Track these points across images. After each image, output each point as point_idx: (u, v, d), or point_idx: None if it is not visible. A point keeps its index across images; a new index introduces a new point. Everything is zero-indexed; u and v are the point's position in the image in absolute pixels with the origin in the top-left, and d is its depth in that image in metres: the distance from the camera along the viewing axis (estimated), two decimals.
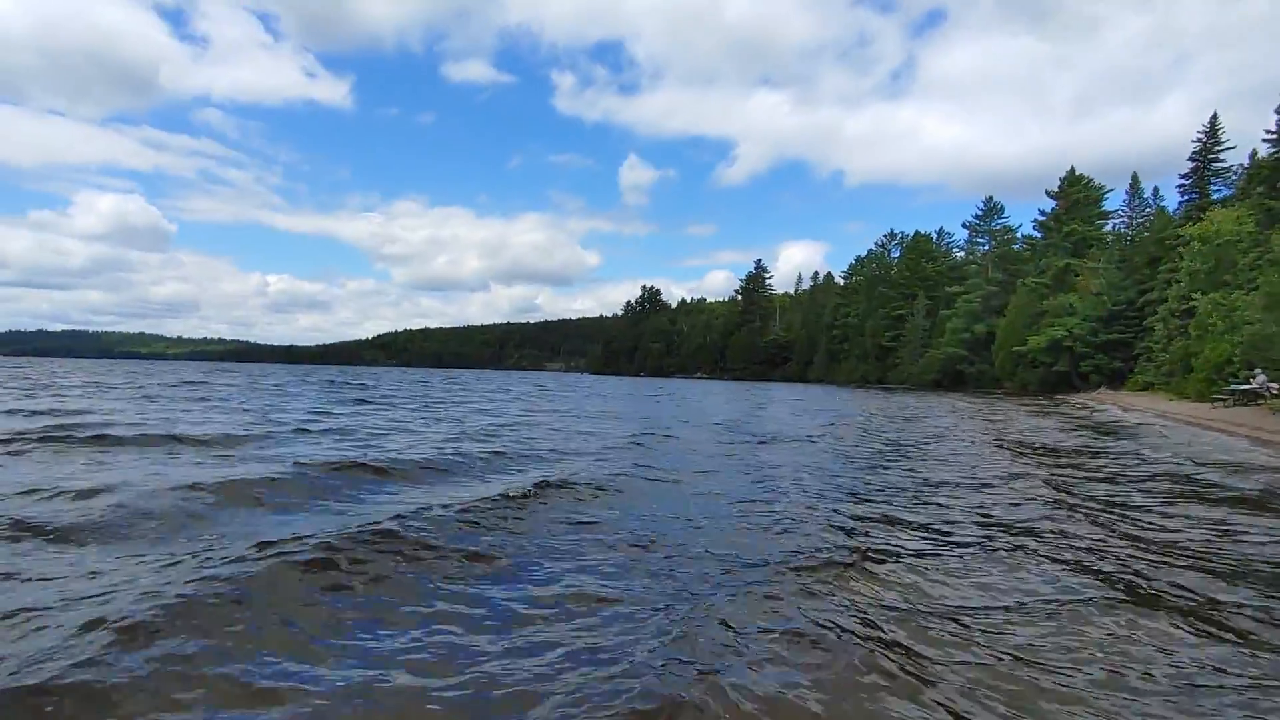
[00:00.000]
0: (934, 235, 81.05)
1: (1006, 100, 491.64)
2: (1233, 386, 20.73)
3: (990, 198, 69.83)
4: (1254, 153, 39.41)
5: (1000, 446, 11.63)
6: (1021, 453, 10.84)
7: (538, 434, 11.87)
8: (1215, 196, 43.69)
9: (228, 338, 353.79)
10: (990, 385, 58.09)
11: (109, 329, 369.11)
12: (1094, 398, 38.08)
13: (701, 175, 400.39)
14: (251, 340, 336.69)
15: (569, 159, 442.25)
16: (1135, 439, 13.40)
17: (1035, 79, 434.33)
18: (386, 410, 16.17)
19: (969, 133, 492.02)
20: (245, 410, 14.51)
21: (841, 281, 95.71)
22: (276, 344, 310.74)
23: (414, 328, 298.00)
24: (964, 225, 72.92)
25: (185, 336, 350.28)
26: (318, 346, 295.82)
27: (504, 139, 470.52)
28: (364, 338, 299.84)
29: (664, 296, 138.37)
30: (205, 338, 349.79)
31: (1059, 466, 9.42)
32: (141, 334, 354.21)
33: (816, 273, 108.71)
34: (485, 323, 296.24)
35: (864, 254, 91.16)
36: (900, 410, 23.00)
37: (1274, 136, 28.40)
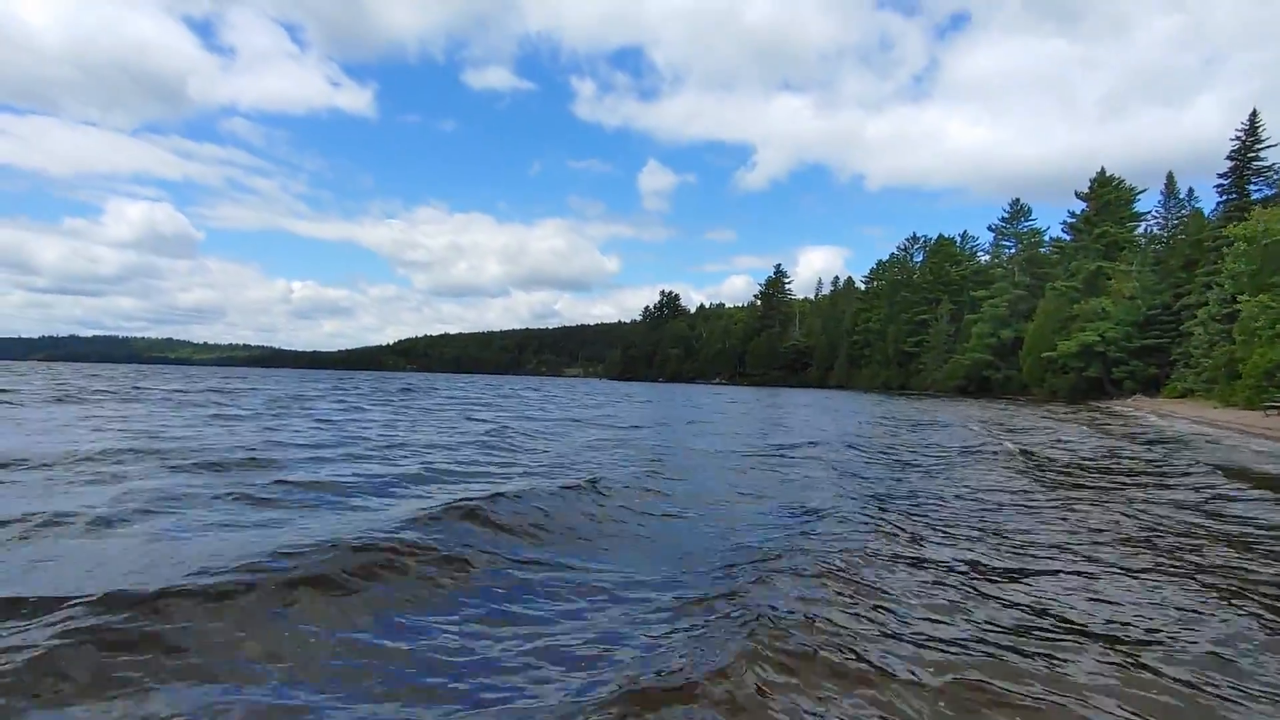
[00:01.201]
0: (957, 239, 79.45)
1: (1032, 102, 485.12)
2: None
3: (1017, 199, 68.29)
4: None
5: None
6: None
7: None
8: (1255, 196, 41.98)
9: (253, 343, 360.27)
10: (1018, 391, 56.50)
11: (138, 334, 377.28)
12: (1133, 404, 36.65)
13: (721, 180, 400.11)
14: (276, 346, 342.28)
15: (589, 165, 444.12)
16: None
17: (1062, 80, 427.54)
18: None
19: (993, 135, 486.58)
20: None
21: (863, 286, 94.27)
22: (301, 349, 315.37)
23: (434, 333, 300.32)
24: (990, 228, 71.43)
25: (211, 342, 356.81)
26: (340, 352, 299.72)
27: (524, 145, 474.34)
28: (385, 343, 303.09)
29: (683, 302, 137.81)
30: (231, 343, 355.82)
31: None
32: (169, 339, 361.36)
33: (837, 278, 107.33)
34: (505, 328, 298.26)
35: (885, 258, 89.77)
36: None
37: None
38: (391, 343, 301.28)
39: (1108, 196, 54.71)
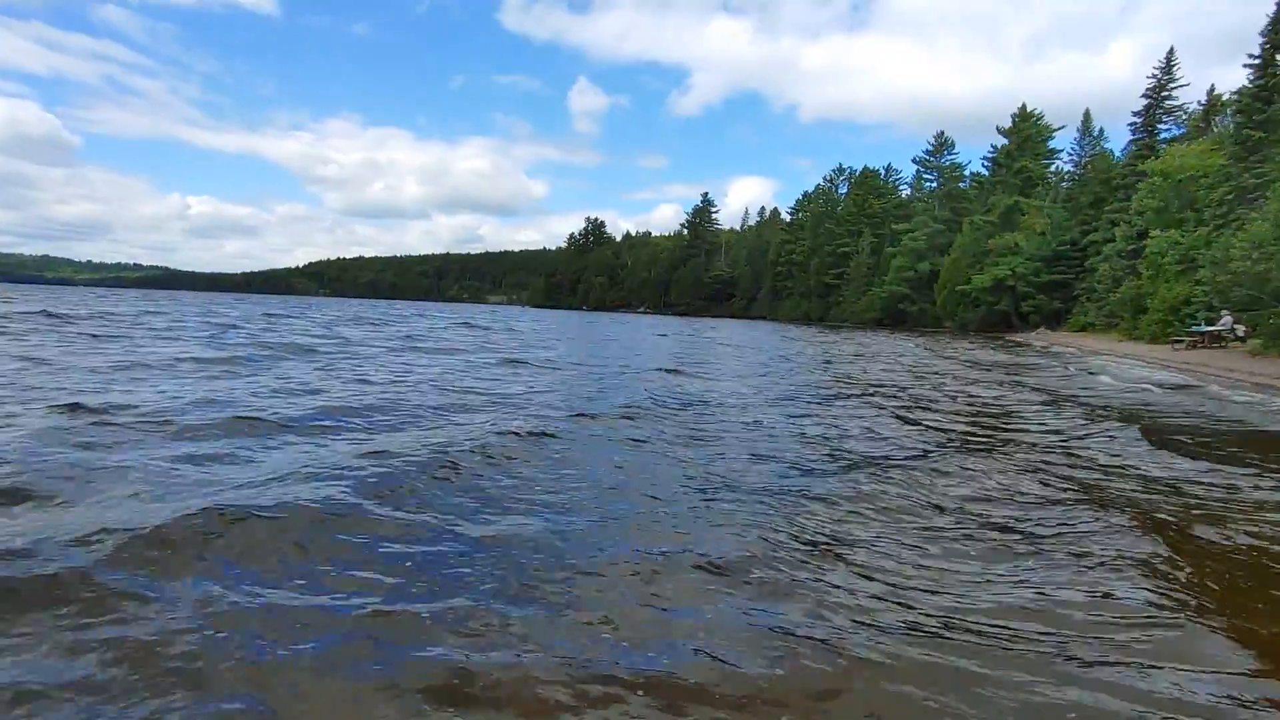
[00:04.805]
0: (882, 172, 79.43)
1: (963, 38, 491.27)
2: (1195, 328, 19.77)
3: (941, 132, 68.18)
4: (1211, 88, 38.51)
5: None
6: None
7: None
8: (1163, 136, 42.93)
9: (145, 263, 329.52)
10: (932, 324, 57.88)
11: (7, 250, 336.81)
12: (1036, 337, 37.71)
13: (655, 104, 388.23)
14: (172, 267, 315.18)
15: (516, 80, 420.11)
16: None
17: (992, 18, 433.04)
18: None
19: (924, 70, 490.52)
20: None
21: (788, 218, 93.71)
22: (200, 271, 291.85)
23: (348, 256, 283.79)
24: (914, 161, 71.42)
25: (97, 261, 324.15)
26: (244, 275, 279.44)
27: (446, 55, 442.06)
28: (295, 265, 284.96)
29: (610, 230, 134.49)
30: (119, 263, 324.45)
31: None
32: (46, 256, 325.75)
33: (763, 208, 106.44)
34: (424, 252, 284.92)
35: (812, 190, 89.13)
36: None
37: (1257, 62, 26.97)
38: (302, 265, 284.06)
39: (1028, 131, 55.21)
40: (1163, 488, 4.75)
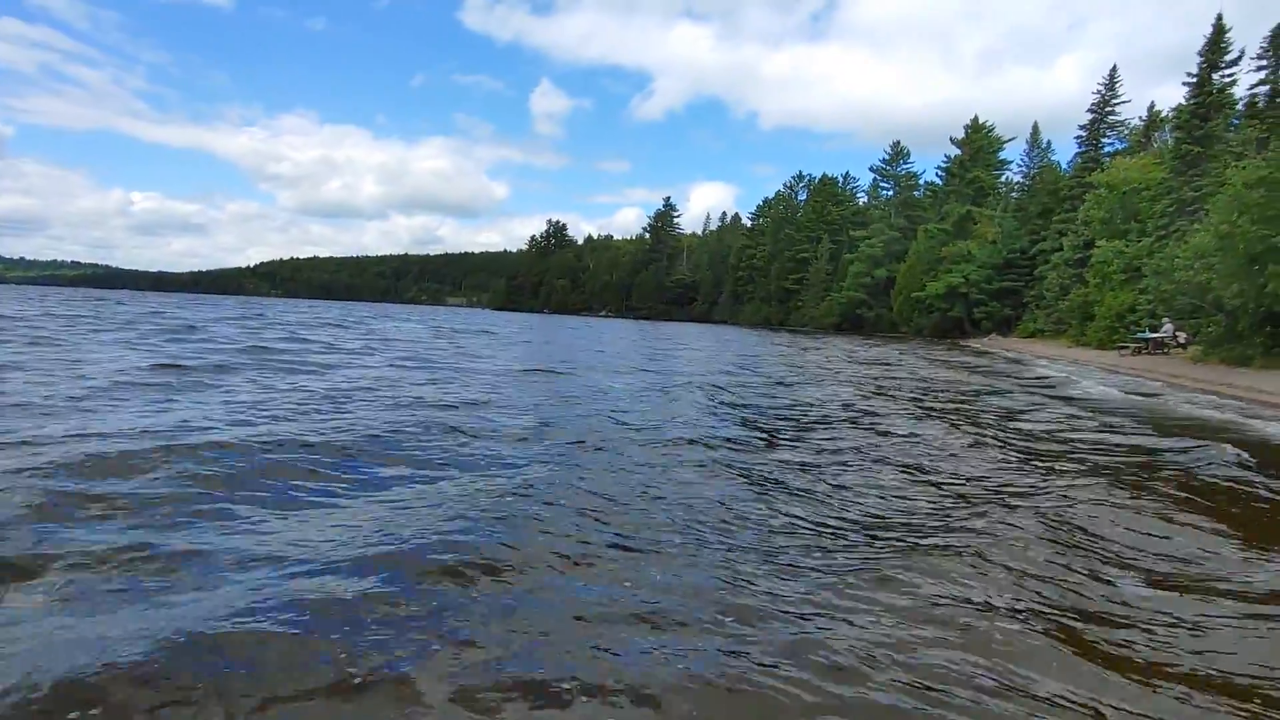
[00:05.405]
0: (840, 179, 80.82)
1: (919, 51, 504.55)
2: (1140, 335, 20.42)
3: (897, 142, 69.79)
4: (1152, 105, 40.19)
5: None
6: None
7: None
8: (1106, 150, 44.62)
9: (84, 261, 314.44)
10: (888, 329, 58.98)
11: None
12: (988, 343, 38.64)
13: (618, 107, 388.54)
14: (113, 265, 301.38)
15: (478, 80, 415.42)
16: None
17: (947, 33, 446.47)
18: None
19: (881, 81, 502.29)
20: None
21: (749, 223, 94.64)
22: (144, 270, 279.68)
23: (302, 256, 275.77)
24: (871, 169, 72.84)
25: (30, 258, 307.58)
26: (190, 274, 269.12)
27: (406, 54, 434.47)
28: (246, 265, 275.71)
29: (572, 232, 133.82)
30: (55, 260, 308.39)
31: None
32: None
33: (725, 213, 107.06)
34: (382, 253, 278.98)
35: (772, 196, 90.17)
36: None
37: (1194, 81, 28.17)
38: (253, 265, 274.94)
39: (980, 142, 56.89)
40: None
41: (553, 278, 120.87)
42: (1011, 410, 9.51)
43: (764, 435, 6.84)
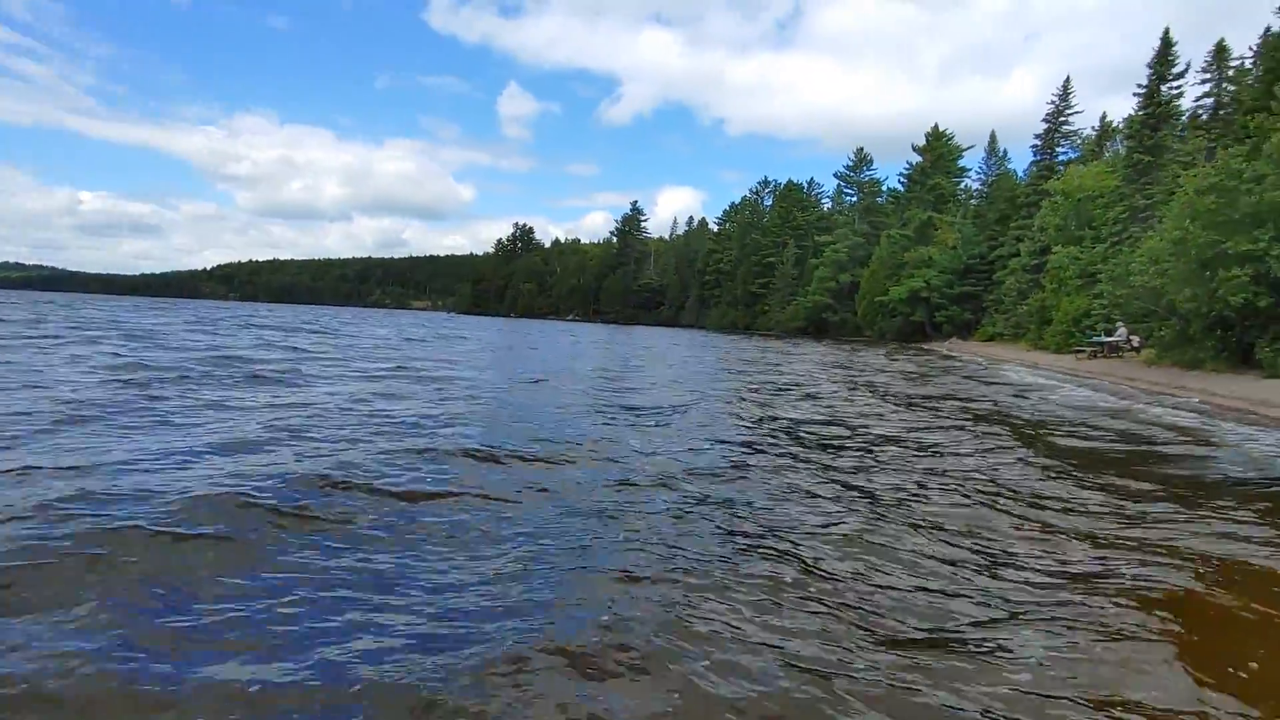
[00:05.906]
0: (805, 185, 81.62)
1: (882, 60, 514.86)
2: (1095, 339, 20.74)
3: (861, 149, 70.77)
4: (1104, 115, 41.29)
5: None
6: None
7: None
8: (1061, 158, 45.76)
9: (28, 263, 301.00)
10: (852, 333, 59.61)
11: None
12: (949, 347, 39.16)
13: (585, 111, 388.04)
14: (60, 266, 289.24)
15: (444, 82, 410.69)
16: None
17: (908, 44, 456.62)
18: None
19: (846, 90, 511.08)
20: None
21: (715, 228, 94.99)
22: (94, 272, 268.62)
23: (262, 258, 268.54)
24: (835, 175, 73.77)
25: None
26: (142, 276, 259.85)
27: (370, 54, 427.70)
28: (203, 268, 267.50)
29: (539, 236, 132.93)
30: None
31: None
32: None
33: (692, 218, 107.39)
34: (345, 256, 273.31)
35: (738, 201, 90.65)
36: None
37: (1144, 92, 28.93)
38: (210, 267, 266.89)
39: (940, 150, 58.00)
40: None
41: (519, 281, 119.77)
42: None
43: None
